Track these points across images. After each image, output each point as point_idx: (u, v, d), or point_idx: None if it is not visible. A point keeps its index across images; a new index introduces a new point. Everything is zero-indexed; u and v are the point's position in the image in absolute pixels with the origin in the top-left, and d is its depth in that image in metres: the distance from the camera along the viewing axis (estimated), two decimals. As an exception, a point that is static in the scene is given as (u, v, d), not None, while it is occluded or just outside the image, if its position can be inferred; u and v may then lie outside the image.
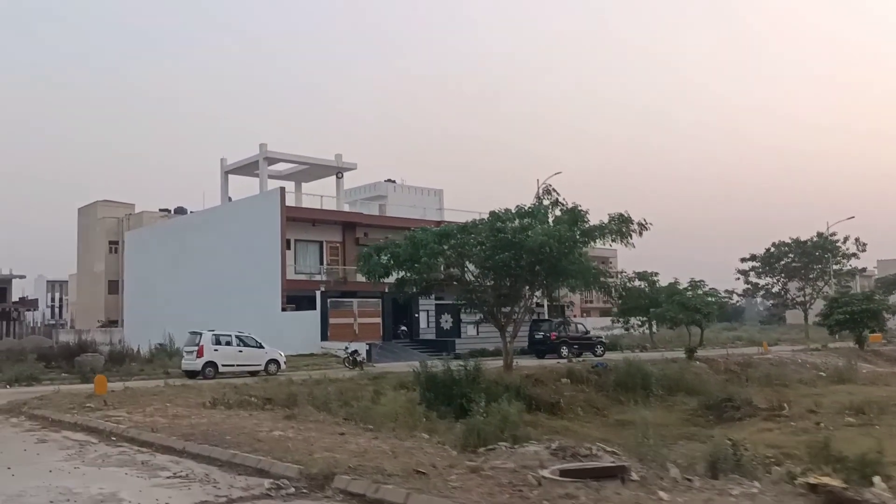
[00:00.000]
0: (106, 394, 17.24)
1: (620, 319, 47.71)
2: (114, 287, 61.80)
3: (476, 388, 20.46)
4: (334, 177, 43.80)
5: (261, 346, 28.05)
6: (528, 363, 31.61)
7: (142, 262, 51.16)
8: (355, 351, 30.78)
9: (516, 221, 24.28)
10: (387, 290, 39.73)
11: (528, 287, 25.35)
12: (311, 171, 43.46)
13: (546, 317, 44.08)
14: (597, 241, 23.60)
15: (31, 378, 24.89)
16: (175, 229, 47.75)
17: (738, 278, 62.79)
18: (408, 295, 26.98)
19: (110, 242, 62.91)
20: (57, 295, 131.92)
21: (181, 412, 14.39)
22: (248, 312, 39.78)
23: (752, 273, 62.41)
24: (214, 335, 27.25)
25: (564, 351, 36.91)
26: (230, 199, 44.67)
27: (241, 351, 27.44)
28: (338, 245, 42.70)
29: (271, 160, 41.41)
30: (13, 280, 74.66)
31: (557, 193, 24.12)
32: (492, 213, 23.86)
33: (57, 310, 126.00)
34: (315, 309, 36.51)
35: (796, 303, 61.34)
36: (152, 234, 51.66)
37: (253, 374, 27.52)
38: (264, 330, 35.67)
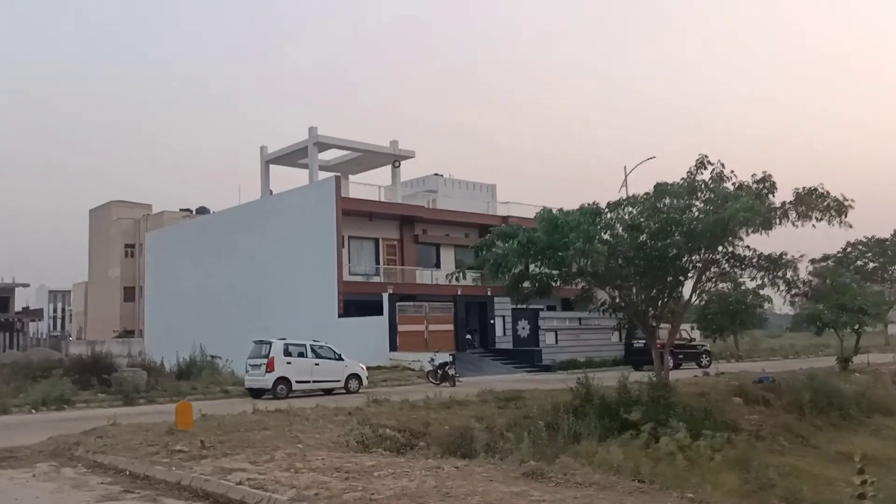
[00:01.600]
0: (193, 428, 12.13)
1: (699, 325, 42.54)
2: (130, 294, 56.69)
3: (672, 412, 15.46)
4: (389, 166, 38.81)
5: (340, 359, 23.01)
6: (634, 375, 26.77)
7: (166, 265, 46.04)
8: (446, 363, 25.69)
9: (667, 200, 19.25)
10: (459, 293, 34.79)
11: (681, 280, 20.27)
12: (364, 159, 38.45)
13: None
14: (789, 220, 18.57)
15: (62, 400, 19.77)
16: (205, 228, 42.67)
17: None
18: (525, 296, 21.99)
19: (126, 246, 57.81)
20: (59, 305, 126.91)
21: (335, 460, 9.32)
22: (296, 319, 34.65)
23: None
24: (286, 344, 22.18)
25: (670, 362, 31.81)
26: (271, 192, 39.60)
27: (317, 364, 22.41)
28: (395, 243, 37.65)
29: (322, 146, 36.40)
30: (16, 289, 69.57)
31: (722, 166, 19.08)
32: (658, 186, 18.82)
33: (59, 321, 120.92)
34: (381, 314, 31.39)
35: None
36: (178, 233, 46.55)
37: (328, 391, 22.54)
38: (324, 338, 30.71)
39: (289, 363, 21.72)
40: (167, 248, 46.29)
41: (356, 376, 23.07)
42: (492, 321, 34.13)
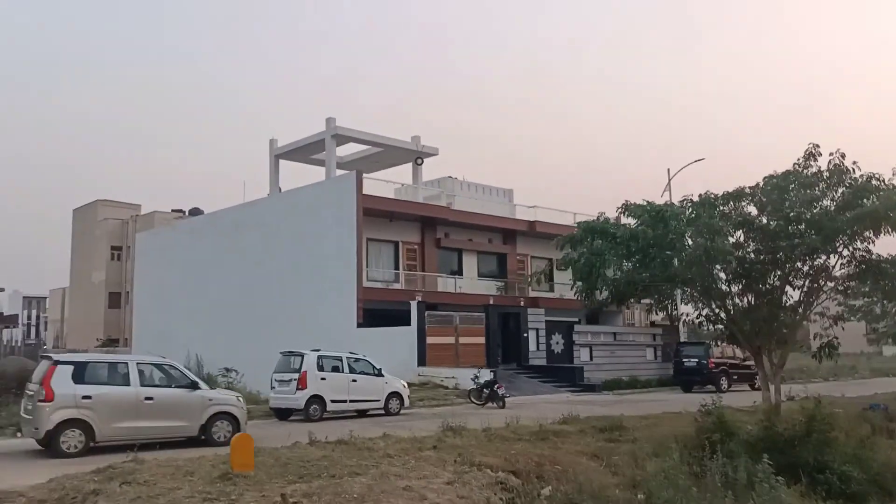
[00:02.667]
0: (253, 471, 8.87)
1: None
2: (115, 300, 52.83)
3: (828, 449, 12.46)
4: (407, 165, 35.74)
5: (379, 374, 19.79)
6: (688, 398, 23.92)
7: (157, 268, 42.44)
8: (494, 382, 22.53)
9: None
10: (491, 302, 31.70)
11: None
12: (383, 156, 35.32)
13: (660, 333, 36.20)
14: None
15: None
16: (204, 228, 39.21)
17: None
18: (598, 305, 18.99)
19: (113, 248, 53.94)
20: (34, 312, 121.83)
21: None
22: (308, 329, 31.30)
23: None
24: (320, 357, 18.91)
25: (724, 383, 28.96)
26: (280, 189, 36.32)
27: (354, 380, 19.16)
28: (416, 246, 34.48)
29: (341, 139, 33.20)
30: (-10, 293, 65.43)
31: (842, 157, 16.20)
32: (769, 179, 15.91)
33: (34, 328, 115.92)
34: (406, 324, 28.16)
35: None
36: (172, 234, 42.98)
37: (363, 412, 19.33)
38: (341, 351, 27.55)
39: (323, 379, 18.46)
40: (159, 250, 42.71)
41: (397, 395, 19.85)
42: (525, 334, 31.04)
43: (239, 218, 36.39)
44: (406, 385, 20.54)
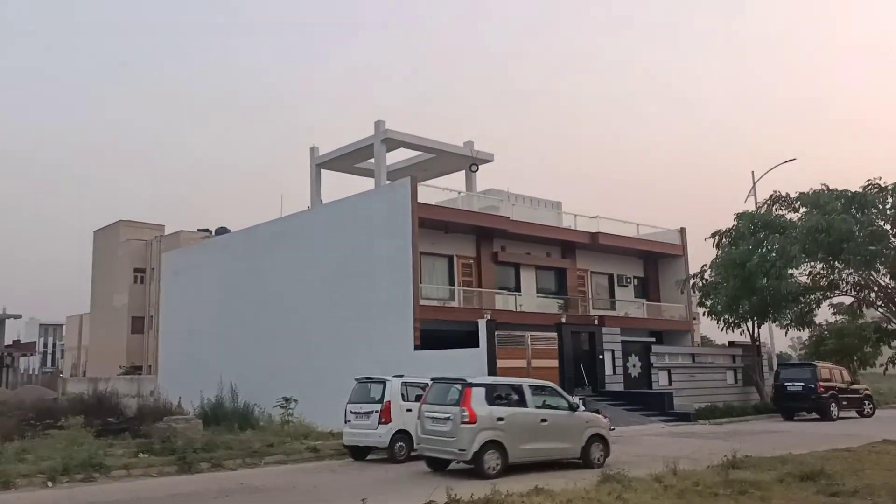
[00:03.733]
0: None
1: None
2: (138, 325, 50.02)
3: None
4: (465, 171, 32.86)
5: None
6: (806, 428, 20.60)
7: (185, 290, 39.59)
8: (596, 411, 19.29)
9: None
10: (564, 320, 28.53)
11: None
12: (434, 163, 32.44)
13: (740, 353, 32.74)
14: None
15: (93, 465, 13.28)
16: (236, 246, 36.35)
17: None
18: (741, 318, 15.85)
19: (136, 270, 51.25)
20: (51, 340, 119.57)
21: None
22: (358, 352, 28.31)
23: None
24: (404, 383, 15.79)
25: (834, 410, 25.56)
26: (321, 201, 33.49)
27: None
28: (471, 261, 31.45)
29: (391, 144, 30.36)
30: (6, 321, 62.76)
31: None
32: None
33: (50, 356, 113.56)
34: (471, 345, 25.02)
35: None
36: (201, 253, 40.16)
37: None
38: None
39: (409, 410, 15.33)
40: (187, 270, 39.87)
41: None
42: (600, 356, 27.77)
43: (276, 233, 33.51)
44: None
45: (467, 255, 31.36)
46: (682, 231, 38.10)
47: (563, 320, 27.77)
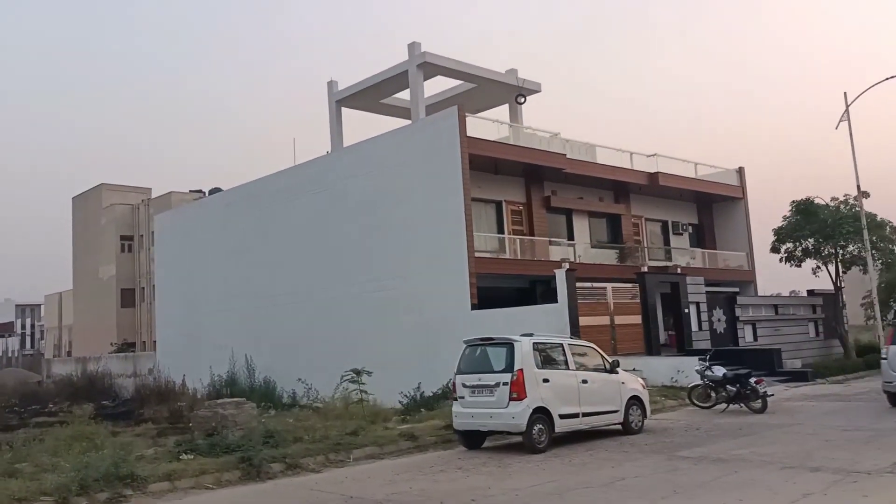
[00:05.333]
0: None
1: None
2: (129, 297, 45.35)
3: None
4: (508, 105, 28.53)
5: (612, 370, 12.62)
6: None
7: (182, 255, 35.12)
8: (745, 374, 15.40)
9: None
10: (646, 270, 24.52)
11: None
12: (474, 95, 27.94)
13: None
14: None
15: (121, 477, 9.02)
16: (244, 200, 31.69)
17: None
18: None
19: (122, 238, 46.36)
20: (28, 321, 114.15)
21: None
22: (400, 317, 24.24)
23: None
24: (536, 345, 11.70)
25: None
26: (343, 146, 28.97)
27: (584, 382, 11.93)
28: (520, 208, 27.33)
29: (429, 70, 25.85)
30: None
31: None
32: None
33: (29, 338, 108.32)
34: (555, 300, 20.95)
35: None
36: (201, 211, 35.48)
37: (593, 430, 12.22)
38: (443, 344, 20.71)
39: (546, 381, 11.27)
40: (185, 232, 35.31)
41: (637, 401, 12.69)
42: (686, 310, 23.85)
43: (291, 184, 29.03)
44: (644, 382, 13.40)
45: (517, 201, 27.22)
46: (741, 171, 34.20)
47: (644, 270, 23.73)
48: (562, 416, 11.24)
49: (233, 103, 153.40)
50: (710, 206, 34.59)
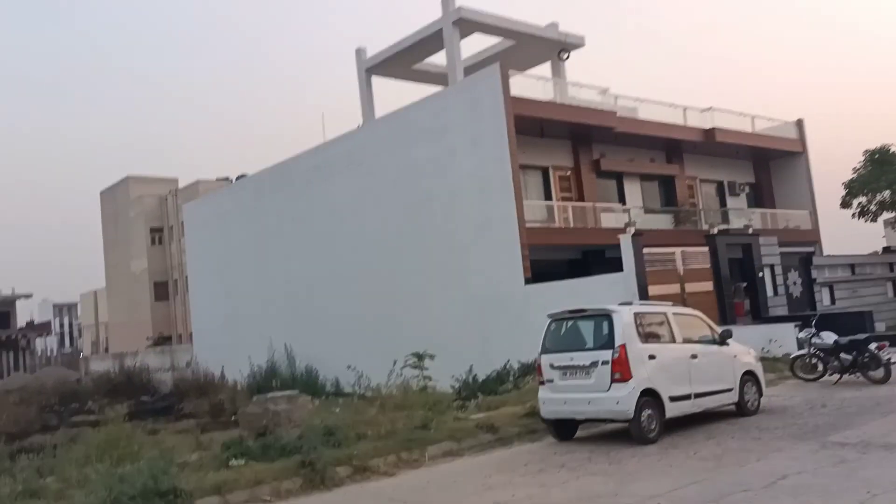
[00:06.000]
0: None
1: None
2: (162, 291, 44.41)
3: None
4: (550, 63, 26.58)
5: (722, 342, 10.84)
6: None
7: (213, 244, 33.84)
8: (865, 340, 13.51)
9: None
10: (716, 231, 22.55)
11: None
12: (513, 53, 25.95)
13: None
14: None
15: (162, 493, 7.51)
16: (274, 183, 30.16)
17: None
18: None
19: (152, 230, 45.36)
20: (66, 320, 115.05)
21: None
22: (447, 294, 22.60)
23: None
24: (638, 315, 9.96)
25: None
26: (374, 118, 27.26)
27: (694, 357, 10.18)
28: (568, 173, 25.47)
29: (465, 28, 23.99)
30: (17, 301, 57.41)
31: None
32: None
33: (67, 337, 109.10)
34: (622, 269, 19.14)
35: None
36: (230, 198, 34.09)
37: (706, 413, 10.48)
38: (496, 322, 19.10)
39: (652, 358, 9.54)
40: (215, 220, 34.00)
41: (753, 377, 10.92)
42: (760, 274, 21.86)
43: (322, 162, 27.45)
44: (755, 354, 11.59)
45: (564, 166, 25.36)
46: (800, 123, 31.84)
47: (714, 231, 21.76)
48: (672, 399, 9.51)
49: (257, 84, 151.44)
50: (768, 164, 32.35)
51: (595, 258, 23.72)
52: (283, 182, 29.64)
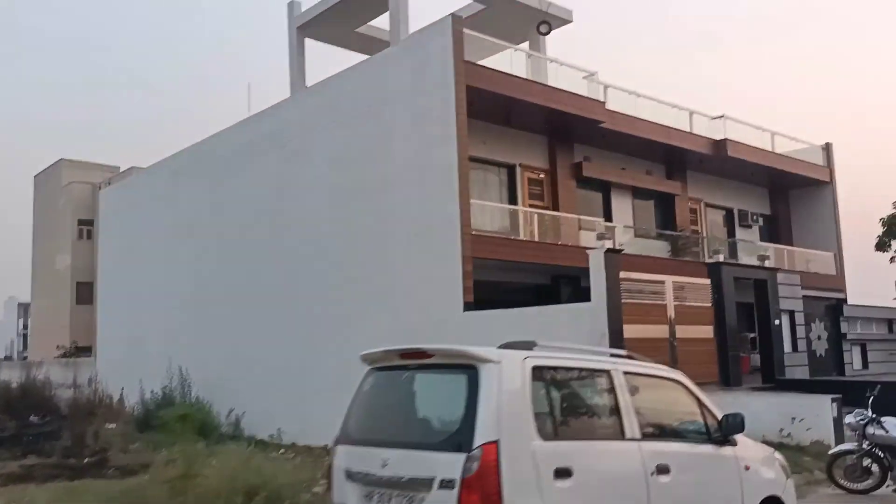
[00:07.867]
0: None
1: None
2: (86, 292, 38.89)
3: None
4: (529, 39, 21.48)
5: (723, 438, 5.21)
6: None
7: (126, 239, 28.44)
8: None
9: None
10: (721, 259, 17.08)
11: None
12: (483, 19, 20.71)
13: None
14: None
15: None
16: (194, 166, 24.71)
17: None
18: None
19: (80, 223, 39.94)
20: (30, 321, 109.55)
21: None
22: (374, 320, 17.08)
23: None
24: (541, 370, 4.41)
25: None
26: (306, 86, 22.03)
27: (660, 472, 4.58)
28: (541, 175, 20.21)
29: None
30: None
31: None
32: None
33: (23, 339, 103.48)
34: (588, 299, 13.67)
35: None
36: (147, 184, 28.55)
37: None
38: None
39: (563, 476, 4.09)
40: (127, 211, 28.62)
41: None
42: (776, 321, 16.34)
43: (247, 141, 22.19)
44: (786, 466, 6.10)
45: (536, 167, 20.12)
46: (828, 148, 26.68)
47: (720, 259, 16.29)
48: None
49: (192, 55, 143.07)
50: (787, 193, 27.16)
51: (569, 285, 18.49)
52: (202, 165, 24.32)
